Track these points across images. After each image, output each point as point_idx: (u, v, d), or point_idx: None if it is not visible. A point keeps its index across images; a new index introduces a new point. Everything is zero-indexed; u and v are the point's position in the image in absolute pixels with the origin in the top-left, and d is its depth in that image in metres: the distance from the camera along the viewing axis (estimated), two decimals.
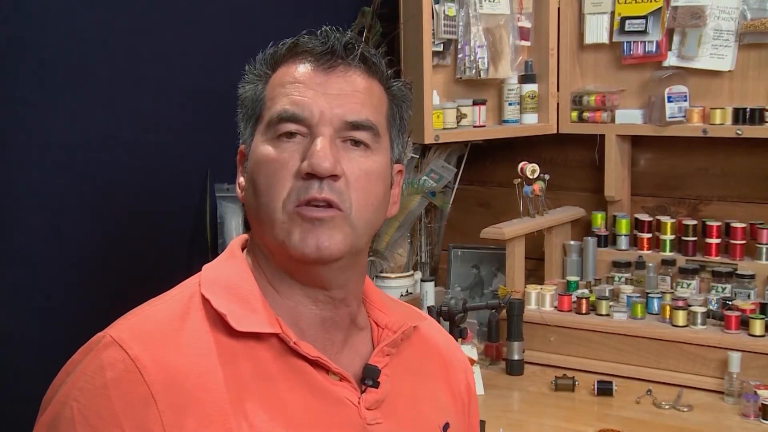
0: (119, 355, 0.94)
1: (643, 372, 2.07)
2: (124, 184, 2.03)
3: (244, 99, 1.08)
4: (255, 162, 1.04)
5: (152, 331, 0.97)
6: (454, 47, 2.40)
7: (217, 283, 1.03)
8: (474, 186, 2.72)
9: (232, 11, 2.25)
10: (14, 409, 1.85)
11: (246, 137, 1.08)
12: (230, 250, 1.10)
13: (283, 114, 1.02)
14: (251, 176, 1.04)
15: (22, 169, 1.85)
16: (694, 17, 2.26)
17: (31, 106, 1.84)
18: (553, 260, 2.45)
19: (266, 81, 1.07)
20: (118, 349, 0.94)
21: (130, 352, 0.94)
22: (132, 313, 1.03)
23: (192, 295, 1.02)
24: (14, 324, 1.86)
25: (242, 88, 1.09)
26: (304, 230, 0.99)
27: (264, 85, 1.07)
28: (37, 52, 1.84)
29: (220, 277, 1.04)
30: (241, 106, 1.09)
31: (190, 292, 1.03)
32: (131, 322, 1.00)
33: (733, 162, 2.38)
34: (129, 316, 1.02)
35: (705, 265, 2.26)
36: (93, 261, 1.98)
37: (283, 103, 1.03)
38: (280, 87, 1.04)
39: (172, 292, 1.05)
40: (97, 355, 0.95)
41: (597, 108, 2.44)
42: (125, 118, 2.01)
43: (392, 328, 1.12)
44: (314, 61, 1.04)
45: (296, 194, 1.00)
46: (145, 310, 1.02)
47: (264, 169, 1.02)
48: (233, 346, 0.98)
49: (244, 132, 1.08)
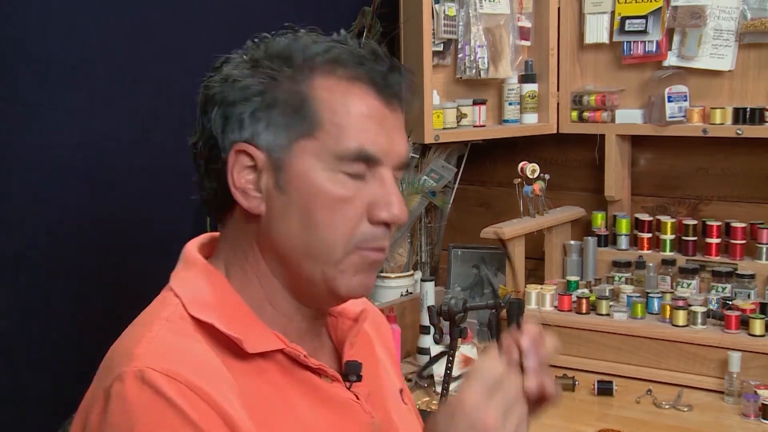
0: (173, 385, 0.88)
1: (643, 372, 2.07)
2: (124, 184, 2.03)
3: (262, 94, 0.96)
4: (311, 190, 0.96)
5: (182, 357, 0.91)
6: (454, 47, 2.40)
7: (207, 305, 0.97)
8: (474, 186, 2.72)
9: (232, 11, 2.25)
10: (14, 409, 1.85)
11: (277, 142, 0.96)
12: (194, 261, 1.02)
13: (361, 154, 0.96)
14: (301, 203, 0.96)
15: (22, 169, 1.85)
16: (694, 17, 2.25)
17: (31, 106, 1.84)
18: (553, 260, 2.45)
19: (304, 84, 0.97)
20: (167, 379, 0.88)
21: (181, 379, 0.88)
22: (130, 342, 0.94)
23: (181, 318, 0.96)
24: (14, 324, 1.86)
25: (251, 78, 0.97)
26: (364, 272, 0.99)
27: (304, 88, 0.96)
28: (37, 52, 1.84)
29: (204, 297, 0.98)
30: (245, 101, 0.97)
31: (177, 314, 0.96)
32: (150, 350, 0.91)
33: (733, 162, 2.38)
34: (135, 346, 0.92)
35: (705, 265, 2.25)
36: (92, 261, 1.97)
37: (360, 140, 0.96)
38: (342, 114, 0.96)
39: (155, 315, 0.97)
40: (140, 394, 0.88)
41: (597, 108, 2.44)
42: (125, 118, 2.01)
43: (349, 315, 1.12)
44: (376, 92, 0.98)
45: (363, 238, 0.98)
46: (145, 336, 0.94)
47: (328, 204, 0.96)
48: (244, 369, 0.95)
49: (263, 132, 0.96)
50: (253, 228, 0.99)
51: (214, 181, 0.99)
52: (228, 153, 0.97)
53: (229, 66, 1.00)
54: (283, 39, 1.01)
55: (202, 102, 1.00)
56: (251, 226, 0.99)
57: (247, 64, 0.99)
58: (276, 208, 0.97)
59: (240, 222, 1.00)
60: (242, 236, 1.00)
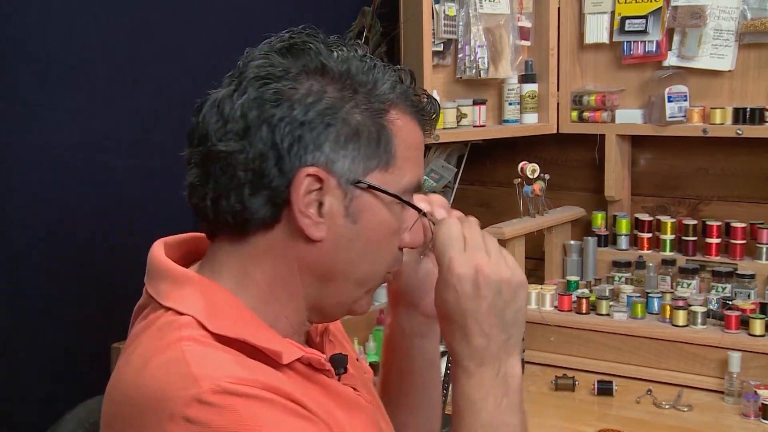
0: (256, 387, 0.84)
1: (643, 372, 2.07)
2: (124, 184, 2.03)
3: (369, 131, 0.94)
4: (380, 222, 0.96)
5: (241, 366, 0.87)
6: (454, 47, 2.40)
7: (227, 320, 0.92)
8: (474, 186, 2.72)
9: (232, 11, 2.25)
10: (14, 409, 1.85)
11: (353, 170, 0.93)
12: (186, 277, 0.96)
13: (417, 188, 0.99)
14: (368, 233, 0.96)
15: (22, 169, 1.85)
16: (694, 17, 2.26)
17: (31, 106, 1.84)
18: (553, 260, 2.45)
19: (384, 117, 0.95)
20: (246, 387, 0.84)
21: (257, 384, 0.85)
22: (167, 371, 0.86)
23: (204, 336, 0.90)
24: (14, 324, 1.86)
25: (328, 100, 0.93)
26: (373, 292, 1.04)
27: (383, 121, 0.95)
28: (37, 52, 1.84)
29: (220, 312, 0.93)
30: (353, 131, 0.93)
31: (198, 333, 0.90)
32: (208, 366, 0.85)
33: (733, 162, 2.38)
34: (188, 369, 0.85)
35: (705, 265, 2.26)
36: (92, 261, 1.98)
37: (414, 174, 0.98)
38: (408, 149, 0.97)
39: (171, 340, 0.89)
40: (233, 406, 0.82)
41: (597, 108, 2.44)
42: (125, 118, 2.02)
43: None
44: (421, 125, 1.00)
45: (394, 263, 1.02)
46: (185, 359, 0.86)
47: (389, 235, 0.98)
48: (282, 380, 0.91)
49: (340, 159, 0.93)
50: (298, 249, 0.95)
51: (260, 198, 0.92)
52: (295, 174, 0.92)
53: (288, 80, 0.93)
54: (339, 54, 0.96)
55: (258, 111, 0.92)
56: (296, 246, 0.95)
57: (310, 79, 0.94)
58: (339, 236, 0.95)
59: (277, 241, 0.95)
60: (278, 254, 0.96)
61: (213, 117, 0.94)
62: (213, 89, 1.01)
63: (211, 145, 0.93)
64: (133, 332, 0.98)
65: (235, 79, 0.96)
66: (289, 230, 0.94)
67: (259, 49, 0.98)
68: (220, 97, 0.95)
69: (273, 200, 0.92)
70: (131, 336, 0.98)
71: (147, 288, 0.99)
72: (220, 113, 0.94)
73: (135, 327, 0.98)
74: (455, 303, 0.95)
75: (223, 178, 0.93)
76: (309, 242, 0.95)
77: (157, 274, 0.99)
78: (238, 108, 0.92)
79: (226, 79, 0.98)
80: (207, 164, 0.95)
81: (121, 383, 0.91)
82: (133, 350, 0.93)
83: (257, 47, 0.99)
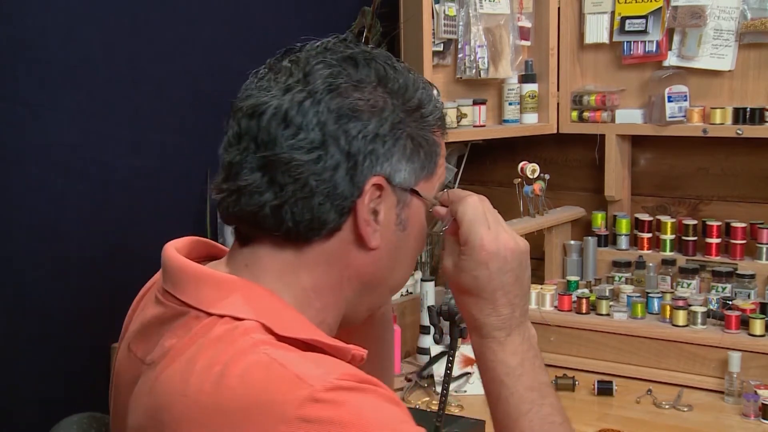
0: (366, 382, 0.86)
1: (643, 372, 2.07)
2: (124, 184, 2.03)
3: (428, 144, 1.00)
4: (421, 230, 1.02)
5: (335, 365, 0.88)
6: (454, 47, 2.40)
7: (292, 322, 0.92)
8: (474, 186, 2.72)
9: (232, 11, 2.25)
10: (14, 409, 1.85)
11: (408, 180, 0.98)
12: (228, 281, 0.95)
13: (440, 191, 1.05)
14: (412, 241, 1.01)
15: (22, 169, 1.85)
16: (695, 17, 2.26)
17: (31, 106, 1.84)
18: (553, 260, 2.45)
19: (434, 132, 1.01)
20: (354, 384, 0.85)
21: (359, 378, 0.86)
22: (258, 375, 0.84)
23: (274, 339, 0.89)
24: (14, 324, 1.86)
25: (398, 115, 0.96)
26: None
27: (435, 136, 1.01)
28: (37, 52, 1.84)
29: (281, 315, 0.92)
30: (414, 144, 0.97)
31: (269, 337, 0.89)
32: (310, 366, 0.85)
33: (733, 162, 2.38)
34: (288, 370, 0.84)
35: (705, 265, 2.26)
36: (93, 261, 1.98)
37: (442, 179, 1.04)
38: (441, 158, 1.04)
39: (249, 344, 0.87)
40: (353, 401, 0.83)
41: (597, 108, 2.44)
42: (125, 118, 2.02)
43: None
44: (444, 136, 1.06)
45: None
46: (280, 363, 0.85)
47: (421, 241, 1.03)
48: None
49: (402, 170, 0.97)
50: (352, 256, 0.97)
51: (328, 206, 0.93)
52: (365, 183, 0.94)
53: (361, 91, 0.95)
54: (398, 72, 0.99)
55: (336, 123, 0.93)
56: (351, 254, 0.97)
57: (379, 92, 0.96)
58: (390, 243, 0.98)
59: (335, 248, 0.96)
60: (333, 261, 0.97)
61: (280, 124, 0.93)
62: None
63: (281, 152, 0.92)
64: (173, 344, 0.92)
65: (299, 84, 0.94)
66: (348, 238, 0.96)
67: (318, 52, 0.97)
68: (286, 104, 0.93)
69: (340, 209, 0.94)
70: (172, 349, 0.91)
71: (178, 296, 0.95)
72: (289, 121, 0.92)
73: (170, 338, 0.92)
74: (487, 279, 1.01)
75: (292, 186, 0.92)
76: (364, 250, 0.97)
77: (191, 280, 0.95)
78: (313, 118, 0.92)
79: (277, 82, 0.95)
80: (271, 171, 0.93)
81: (194, 396, 0.86)
82: (190, 363, 0.88)
83: (309, 49, 0.99)
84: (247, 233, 0.98)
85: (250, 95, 0.96)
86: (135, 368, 0.96)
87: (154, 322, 0.97)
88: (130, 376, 0.97)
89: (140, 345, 0.97)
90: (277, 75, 0.96)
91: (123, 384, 1.00)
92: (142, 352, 0.96)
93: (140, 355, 0.96)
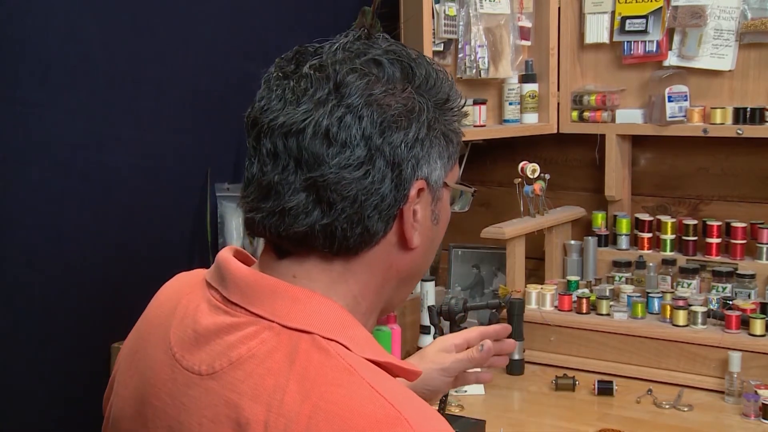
0: None
1: (644, 372, 2.07)
2: (124, 184, 2.03)
3: (456, 136, 1.01)
4: (447, 220, 1.03)
5: (423, 408, 0.88)
6: (454, 47, 2.40)
7: (367, 342, 0.92)
8: (474, 186, 2.71)
9: (232, 11, 2.25)
10: (14, 409, 1.85)
11: (440, 175, 0.98)
12: (304, 295, 0.92)
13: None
14: (440, 233, 1.03)
15: (22, 168, 1.85)
16: (695, 17, 2.25)
17: (31, 106, 1.84)
18: (554, 260, 2.45)
19: (458, 126, 1.04)
20: (435, 412, 0.88)
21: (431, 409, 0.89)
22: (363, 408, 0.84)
23: (362, 360, 0.89)
24: (14, 324, 1.86)
25: (440, 122, 0.98)
26: None
27: (459, 129, 1.04)
28: (37, 52, 1.84)
29: (357, 334, 0.92)
30: (446, 139, 0.99)
31: (356, 358, 0.89)
32: (402, 396, 0.86)
33: (733, 162, 2.38)
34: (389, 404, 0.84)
35: (705, 265, 2.25)
36: (93, 261, 1.98)
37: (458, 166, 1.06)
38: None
39: (338, 365, 0.87)
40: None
41: (597, 108, 2.44)
42: (125, 118, 2.02)
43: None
44: None
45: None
46: (382, 395, 0.85)
47: (445, 230, 1.03)
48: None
49: (437, 169, 0.97)
50: (395, 257, 0.97)
51: (377, 217, 0.93)
52: (410, 189, 0.94)
53: (398, 97, 0.94)
54: (418, 64, 0.98)
55: (380, 136, 0.91)
56: (394, 255, 0.97)
57: (413, 94, 0.95)
58: (427, 238, 0.99)
59: (381, 253, 0.96)
60: (378, 265, 0.97)
61: (323, 142, 0.90)
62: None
63: (328, 171, 0.90)
64: (244, 354, 0.89)
65: (333, 97, 0.91)
66: (392, 241, 0.96)
67: (342, 58, 0.94)
68: (326, 121, 0.90)
69: (387, 218, 0.94)
70: (248, 361, 0.89)
71: (247, 307, 0.93)
72: (332, 138, 0.90)
73: (239, 348, 0.90)
74: None
75: (341, 204, 0.91)
76: (406, 250, 0.97)
77: (266, 291, 0.93)
78: (357, 134, 0.90)
79: (306, 93, 0.92)
80: (319, 191, 0.91)
81: (292, 416, 0.84)
82: (279, 380, 0.86)
83: (329, 52, 0.95)
84: (289, 248, 0.95)
85: (270, 108, 0.92)
86: (180, 377, 0.93)
87: (213, 330, 0.93)
88: (168, 384, 0.94)
89: (194, 354, 0.93)
90: (302, 84, 0.92)
91: (151, 386, 0.96)
92: (197, 362, 0.92)
93: (194, 365, 0.93)
